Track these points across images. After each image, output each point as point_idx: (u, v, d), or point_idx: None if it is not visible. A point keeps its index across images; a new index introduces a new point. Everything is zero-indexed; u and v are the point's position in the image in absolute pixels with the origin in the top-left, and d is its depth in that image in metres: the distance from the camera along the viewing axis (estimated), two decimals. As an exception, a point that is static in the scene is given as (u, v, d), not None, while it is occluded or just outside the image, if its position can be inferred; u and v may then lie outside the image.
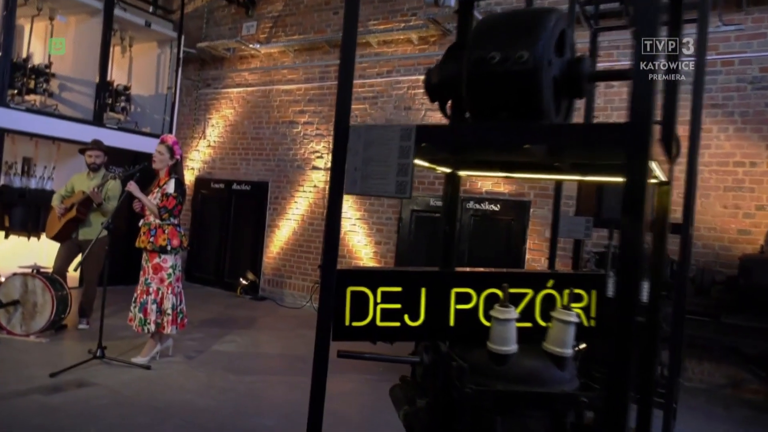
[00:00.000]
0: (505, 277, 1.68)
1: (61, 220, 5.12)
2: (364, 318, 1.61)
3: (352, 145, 1.59)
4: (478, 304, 1.67)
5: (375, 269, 1.71)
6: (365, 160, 1.53)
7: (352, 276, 1.61)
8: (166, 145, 4.42)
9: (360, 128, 1.59)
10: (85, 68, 7.52)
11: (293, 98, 8.03)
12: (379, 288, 1.61)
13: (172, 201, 4.30)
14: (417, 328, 1.63)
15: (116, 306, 6.12)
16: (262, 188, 8.17)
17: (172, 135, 4.53)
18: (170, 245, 4.30)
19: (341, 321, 1.60)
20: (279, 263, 7.98)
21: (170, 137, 4.52)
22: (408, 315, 1.62)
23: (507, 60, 1.54)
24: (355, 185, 1.55)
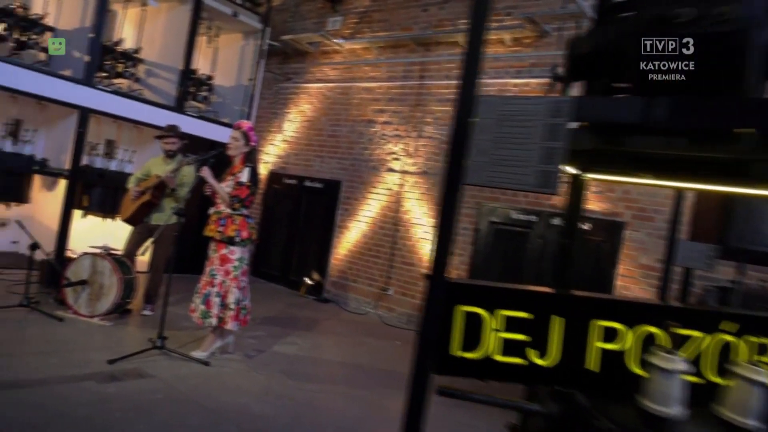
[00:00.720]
0: (667, 312, 1.25)
1: (135, 203, 5.04)
2: (476, 348, 1.23)
3: (480, 122, 1.21)
4: (628, 345, 1.25)
5: (495, 285, 1.31)
6: (496, 140, 1.16)
7: (464, 291, 1.24)
8: (241, 130, 4.21)
9: (493, 99, 1.21)
10: (171, 55, 7.57)
11: (373, 96, 7.76)
12: (499, 311, 1.23)
13: (244, 190, 4.09)
14: (547, 370, 1.23)
15: (181, 294, 6.01)
16: (334, 187, 7.95)
17: (247, 121, 4.30)
18: (239, 237, 4.08)
19: (446, 349, 1.23)
20: (346, 266, 7.71)
21: (245, 123, 4.31)
22: (535, 350, 1.23)
23: (703, 18, 1.12)
24: (479, 174, 1.18)
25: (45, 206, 6.80)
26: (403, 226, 7.21)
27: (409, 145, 7.29)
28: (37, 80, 6.08)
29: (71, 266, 4.65)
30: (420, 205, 7.08)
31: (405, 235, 7.17)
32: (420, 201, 7.08)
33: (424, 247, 6.97)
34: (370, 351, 5.46)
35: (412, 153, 7.25)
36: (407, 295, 7.04)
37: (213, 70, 8.38)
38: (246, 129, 4.22)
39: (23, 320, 4.32)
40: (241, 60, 8.61)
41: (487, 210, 6.48)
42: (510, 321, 1.22)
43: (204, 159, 4.20)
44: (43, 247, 4.62)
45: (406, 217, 7.19)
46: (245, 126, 4.25)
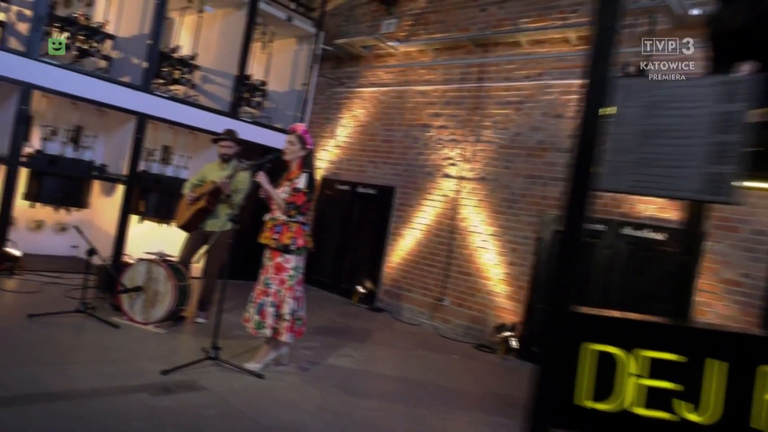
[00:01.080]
0: None
1: (190, 209, 4.98)
2: (610, 397, 0.97)
3: (619, 112, 0.95)
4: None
5: (635, 318, 1.04)
6: (642, 135, 0.90)
7: (595, 325, 0.99)
8: (297, 134, 4.06)
9: (638, 83, 0.95)
10: (226, 61, 7.57)
11: (429, 100, 7.53)
12: (641, 351, 0.96)
13: (301, 197, 3.92)
14: (702, 429, 0.95)
15: (234, 301, 5.92)
16: (388, 193, 7.74)
17: (302, 124, 4.15)
18: (295, 245, 3.92)
19: (570, 397, 0.97)
20: (399, 275, 7.48)
21: (300, 126, 4.15)
22: (688, 402, 0.95)
23: None
24: (618, 178, 0.93)
25: (103, 211, 6.88)
26: (459, 234, 6.92)
27: (466, 149, 7.01)
28: (97, 87, 6.15)
29: (127, 272, 4.61)
30: (477, 212, 6.78)
31: (461, 243, 6.88)
32: (478, 208, 6.79)
33: (482, 256, 6.66)
34: (427, 365, 5.20)
35: (470, 158, 6.97)
36: (463, 306, 6.75)
37: (266, 76, 8.35)
38: (301, 132, 4.07)
39: (79, 326, 4.29)
40: (295, 65, 8.55)
41: (551, 218, 6.12)
42: (655, 364, 0.96)
43: (259, 164, 4.06)
44: (100, 252, 4.60)
45: (463, 225, 6.90)
46: (300, 129, 4.10)
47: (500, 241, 6.54)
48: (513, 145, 6.61)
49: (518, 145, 6.57)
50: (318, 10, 8.45)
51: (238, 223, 3.95)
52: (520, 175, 6.50)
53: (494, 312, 6.45)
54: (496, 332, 6.19)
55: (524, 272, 6.28)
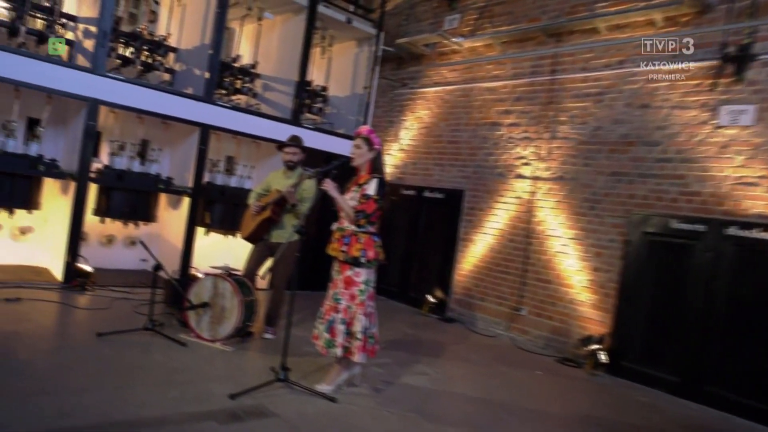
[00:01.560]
0: None
1: (255, 219, 4.79)
2: None
3: None
4: None
5: None
6: None
7: None
8: (362, 136, 3.76)
9: None
10: (287, 68, 7.43)
11: (497, 97, 7.10)
12: None
13: (371, 205, 3.62)
14: None
15: (302, 314, 5.72)
16: (456, 197, 7.36)
17: (366, 126, 3.86)
18: (365, 257, 3.62)
19: None
20: (471, 282, 7.07)
21: (365, 128, 3.86)
22: None
23: None
24: None
25: (170, 224, 6.86)
26: (536, 238, 6.45)
27: (540, 147, 6.53)
28: (161, 100, 6.13)
29: (193, 288, 4.46)
30: (555, 214, 6.28)
31: (539, 248, 6.40)
32: (555, 210, 6.29)
33: (562, 262, 6.16)
34: (510, 384, 4.78)
35: (545, 156, 6.48)
36: (543, 316, 6.26)
37: (327, 81, 8.17)
38: (366, 133, 3.77)
39: (147, 344, 4.17)
40: (355, 68, 8.33)
41: (640, 218, 5.56)
42: None
43: (326, 170, 3.80)
44: (165, 268, 4.47)
45: (540, 229, 6.42)
46: (365, 131, 3.80)
47: (582, 245, 6.02)
48: (593, 141, 6.08)
49: (599, 141, 6.03)
50: (377, 10, 8.20)
51: (304, 235, 3.69)
52: (602, 173, 5.97)
53: (578, 322, 5.93)
54: (581, 345, 5.68)
55: (611, 279, 5.74)
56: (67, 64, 5.66)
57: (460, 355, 5.47)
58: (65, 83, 5.46)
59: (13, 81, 5.23)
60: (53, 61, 5.47)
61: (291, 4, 7.16)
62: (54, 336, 4.25)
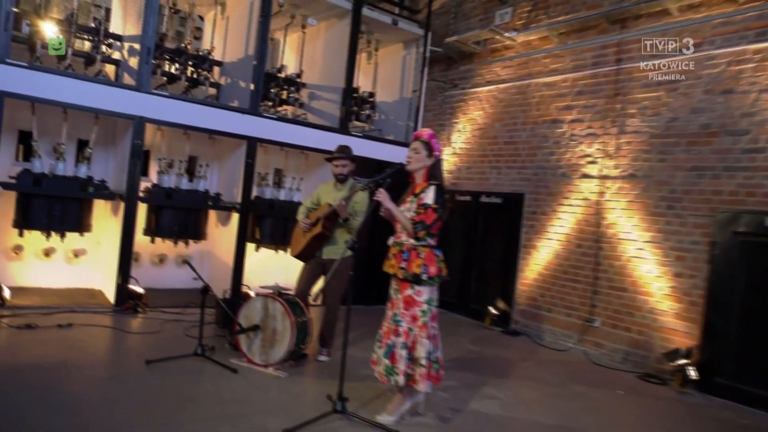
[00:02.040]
0: None
1: (305, 236, 4.52)
2: None
3: None
4: None
5: None
6: None
7: None
8: (422, 140, 3.42)
9: None
10: (332, 75, 7.19)
11: (557, 92, 6.61)
12: None
13: (431, 215, 3.27)
14: None
15: (358, 331, 5.43)
16: (516, 201, 6.90)
17: (427, 129, 3.50)
18: (426, 273, 3.26)
19: None
20: (536, 292, 6.59)
21: (426, 131, 3.51)
22: None
23: None
24: None
25: (221, 241, 6.72)
26: (607, 242, 5.92)
27: (608, 144, 6.01)
28: (206, 114, 5.98)
29: (243, 310, 4.22)
30: (628, 215, 5.74)
31: (611, 253, 5.87)
32: (629, 211, 5.75)
33: (638, 267, 5.61)
34: (591, 407, 4.29)
35: (613, 153, 5.95)
36: (619, 328, 5.72)
37: (374, 87, 7.89)
38: (427, 137, 3.43)
39: (196, 372, 3.95)
40: (403, 71, 8.01)
41: (728, 217, 4.98)
42: None
43: (379, 180, 3.47)
44: (214, 289, 4.24)
45: (611, 232, 5.89)
46: (426, 134, 3.45)
47: (661, 249, 5.46)
48: (668, 133, 5.52)
49: (676, 133, 5.47)
50: (424, 10, 7.87)
51: (357, 250, 3.37)
52: (680, 168, 5.40)
53: (660, 334, 5.37)
54: (666, 359, 5.12)
55: (696, 285, 5.16)
56: (112, 83, 5.60)
57: (531, 374, 5.02)
58: (111, 102, 5.38)
59: (61, 103, 5.18)
60: (100, 81, 5.41)
61: (335, 8, 6.93)
62: (102, 365, 4.09)
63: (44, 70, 5.12)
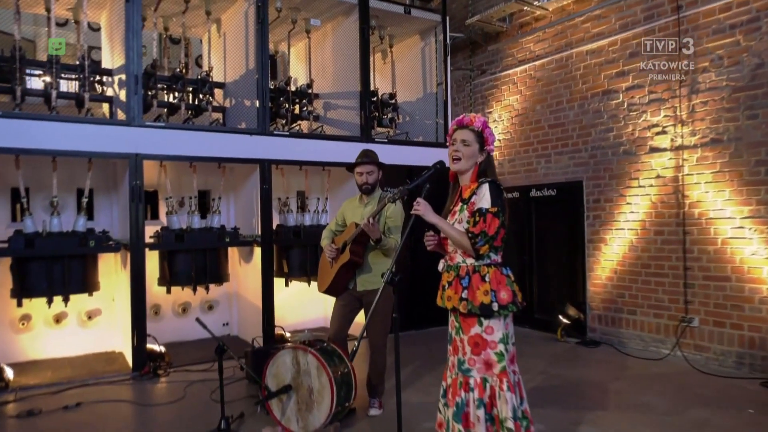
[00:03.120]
0: None
1: (333, 266, 3.73)
2: None
3: None
4: None
5: None
6: None
7: None
8: (472, 129, 2.58)
9: None
10: (346, 80, 6.44)
11: (605, 58, 5.69)
12: None
13: (492, 221, 2.42)
14: None
15: (410, 367, 4.62)
16: (574, 190, 5.97)
17: (478, 115, 2.63)
18: (497, 302, 2.42)
19: None
20: (613, 293, 5.62)
21: (477, 117, 2.63)
22: None
23: None
24: None
25: (247, 280, 6.00)
26: (694, 224, 4.94)
27: (679, 107, 5.05)
28: (211, 141, 5.32)
29: (270, 367, 3.45)
30: (718, 189, 4.76)
31: (701, 237, 4.89)
32: (716, 184, 4.77)
33: (739, 250, 4.62)
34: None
35: (686, 118, 4.99)
36: (724, 326, 4.72)
37: (394, 87, 7.11)
38: (480, 125, 2.58)
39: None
40: (423, 65, 7.21)
41: None
42: None
43: (415, 186, 2.65)
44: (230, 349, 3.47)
45: (698, 212, 4.91)
46: (478, 122, 2.59)
47: (766, 224, 4.46)
48: (755, 84, 4.55)
49: (765, 81, 4.49)
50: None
51: (397, 284, 2.54)
52: (778, 124, 4.41)
53: (782, 328, 4.36)
54: (799, 360, 4.11)
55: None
56: (102, 121, 4.99)
57: (632, 399, 4.08)
58: (103, 143, 4.76)
59: (49, 151, 4.58)
60: (88, 120, 4.80)
61: (339, 4, 6.19)
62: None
63: (28, 116, 4.53)
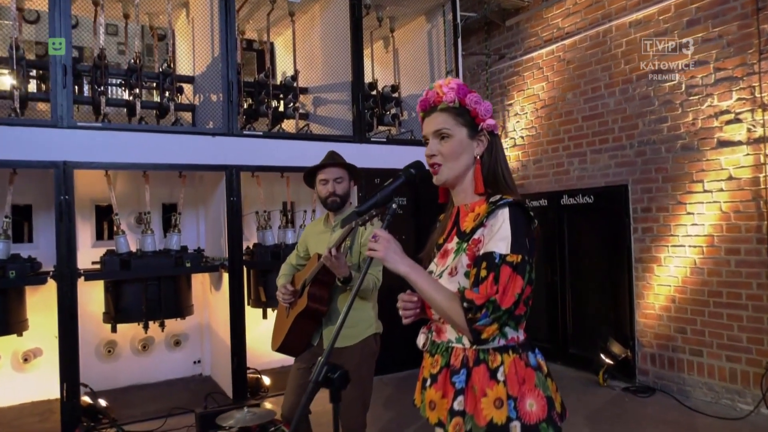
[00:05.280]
0: None
1: (289, 315, 2.68)
2: None
3: None
4: None
5: None
6: None
7: None
8: (446, 107, 1.52)
9: None
10: (337, 69, 5.40)
11: (654, 29, 4.53)
12: None
13: (511, 282, 1.31)
14: None
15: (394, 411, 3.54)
16: (616, 196, 4.81)
17: (452, 78, 1.52)
18: (518, 419, 1.33)
19: None
20: (670, 326, 4.45)
21: (448, 83, 1.53)
22: None
23: None
24: None
25: (218, 311, 4.98)
26: (783, 240, 3.76)
27: (758, 87, 3.87)
28: (169, 145, 4.35)
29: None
30: (816, 194, 3.57)
31: (792, 257, 3.70)
32: (815, 187, 3.58)
33: None
34: None
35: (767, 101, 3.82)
36: (828, 374, 3.52)
37: (397, 79, 6.05)
38: (454, 95, 1.50)
39: None
40: (430, 51, 6.13)
41: None
42: None
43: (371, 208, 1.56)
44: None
45: (787, 224, 3.73)
46: (448, 91, 1.51)
47: None
48: None
49: None
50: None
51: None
52: None
53: None
54: None
55: None
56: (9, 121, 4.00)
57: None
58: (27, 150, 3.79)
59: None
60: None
61: (323, -22, 5.17)
62: None
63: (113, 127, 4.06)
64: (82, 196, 4.82)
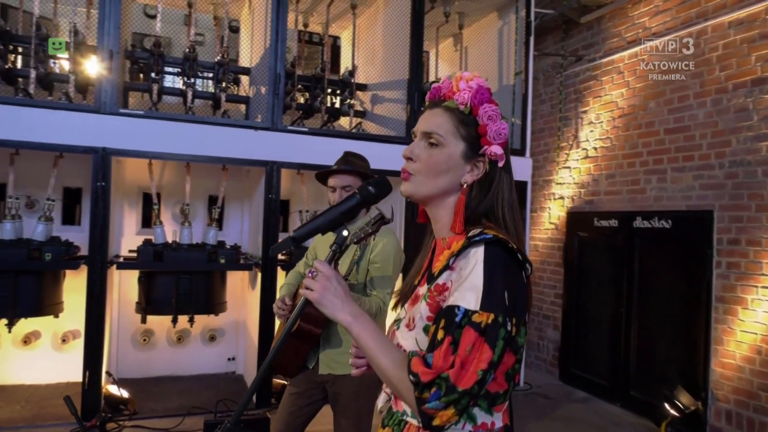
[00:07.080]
0: None
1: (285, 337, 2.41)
2: None
3: None
4: None
5: None
6: None
7: None
8: (449, 107, 1.15)
9: None
10: (396, 66, 5.10)
11: (758, 32, 3.87)
12: None
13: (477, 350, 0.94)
14: None
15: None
16: (699, 223, 4.18)
17: (473, 74, 1.16)
18: None
19: None
20: (753, 381, 3.78)
21: (470, 81, 1.14)
22: None
23: None
24: None
25: (253, 310, 4.83)
26: None
27: None
28: (211, 137, 4.23)
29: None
30: None
31: None
32: None
33: None
34: None
35: None
36: None
37: (463, 78, 5.65)
38: (468, 98, 1.12)
39: None
40: (500, 51, 5.69)
41: None
42: None
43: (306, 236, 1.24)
44: None
45: None
46: (464, 90, 1.13)
47: None
48: None
49: None
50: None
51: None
52: None
53: None
54: None
55: None
56: (34, 103, 3.99)
57: None
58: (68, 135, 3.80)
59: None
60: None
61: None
62: None
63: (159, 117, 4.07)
64: (130, 184, 4.83)
